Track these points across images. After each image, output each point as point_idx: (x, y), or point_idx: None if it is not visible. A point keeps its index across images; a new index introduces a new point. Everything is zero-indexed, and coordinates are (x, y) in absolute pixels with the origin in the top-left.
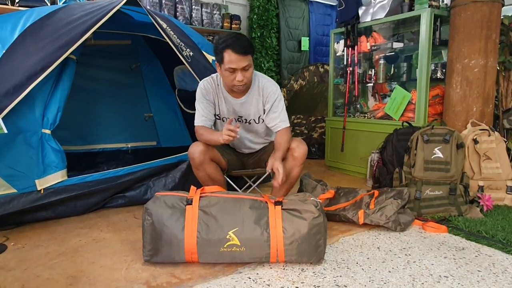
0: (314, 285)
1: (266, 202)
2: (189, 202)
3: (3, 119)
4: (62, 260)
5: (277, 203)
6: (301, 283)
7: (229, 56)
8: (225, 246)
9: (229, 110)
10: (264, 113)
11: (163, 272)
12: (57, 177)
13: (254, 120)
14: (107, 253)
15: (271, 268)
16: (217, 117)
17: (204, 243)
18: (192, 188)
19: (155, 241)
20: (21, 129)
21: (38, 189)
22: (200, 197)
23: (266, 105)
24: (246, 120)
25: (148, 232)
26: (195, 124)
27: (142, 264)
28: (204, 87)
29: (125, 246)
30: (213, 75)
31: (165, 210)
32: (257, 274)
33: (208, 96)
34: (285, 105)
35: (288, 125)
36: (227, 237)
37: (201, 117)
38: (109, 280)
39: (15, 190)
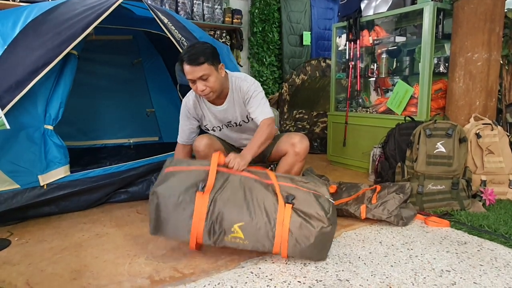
0: (317, 280)
1: (278, 199)
2: (201, 188)
3: (5, 115)
4: (66, 255)
5: (288, 199)
6: (304, 277)
7: (185, 68)
8: (229, 236)
9: (216, 118)
10: None
11: (166, 266)
12: (59, 173)
13: (244, 121)
14: (110, 248)
15: (273, 262)
16: (206, 129)
17: (210, 232)
18: (214, 155)
19: (161, 221)
20: (24, 125)
21: (41, 184)
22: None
23: (246, 103)
24: (236, 123)
25: (154, 212)
26: (178, 140)
27: (145, 259)
28: (186, 105)
29: (128, 241)
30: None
31: (175, 196)
32: (260, 268)
33: (193, 113)
34: (287, 100)
35: (267, 116)
36: (232, 229)
37: (183, 137)
38: (113, 274)
39: (18, 186)
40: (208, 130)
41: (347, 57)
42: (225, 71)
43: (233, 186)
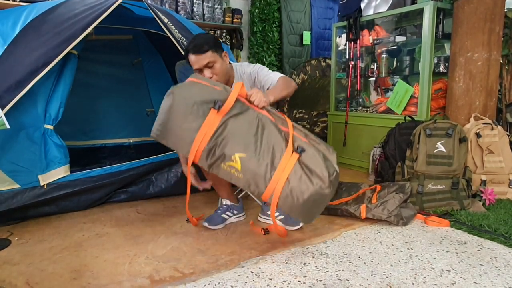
0: (317, 279)
1: (287, 145)
2: (217, 107)
3: (5, 115)
4: (66, 255)
5: (298, 149)
6: (304, 277)
7: (191, 58)
8: (226, 163)
9: None
10: None
11: (166, 266)
12: (60, 172)
13: None
14: (110, 248)
15: (273, 262)
16: None
17: (210, 151)
18: (238, 83)
19: (168, 126)
20: (24, 124)
21: (41, 184)
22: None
23: (256, 83)
24: None
25: (163, 114)
26: None
27: (145, 259)
28: None
29: (128, 241)
30: None
31: (189, 104)
32: (260, 268)
33: None
34: (287, 99)
35: (281, 75)
36: (232, 157)
37: None
38: (113, 274)
39: (18, 186)
40: None
41: (347, 57)
42: (229, 62)
43: (248, 119)
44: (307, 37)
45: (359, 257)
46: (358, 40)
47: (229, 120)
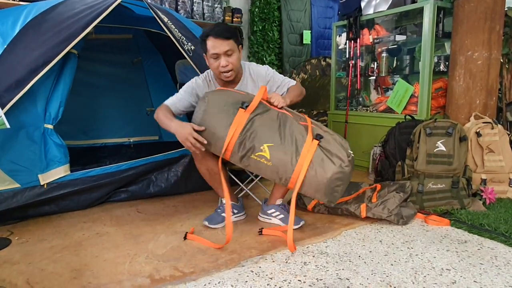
0: (317, 278)
1: (307, 132)
2: (245, 106)
3: (5, 114)
4: (66, 254)
5: (317, 136)
6: (304, 276)
7: (211, 42)
8: (256, 154)
9: None
10: None
11: (166, 265)
12: (60, 172)
13: None
14: (110, 247)
15: (273, 261)
16: None
17: (240, 144)
18: (262, 87)
19: (204, 122)
20: (24, 124)
21: (41, 183)
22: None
23: (273, 86)
24: None
25: (200, 114)
26: (164, 102)
27: (146, 258)
28: (196, 82)
29: (128, 240)
30: (204, 72)
31: (221, 103)
32: (260, 267)
33: (199, 92)
34: None
35: (295, 82)
36: (261, 148)
37: (174, 103)
38: (113, 273)
39: (18, 185)
40: None
41: (347, 56)
42: None
43: (271, 116)
44: (307, 36)
45: (359, 256)
46: (358, 39)
47: (255, 117)
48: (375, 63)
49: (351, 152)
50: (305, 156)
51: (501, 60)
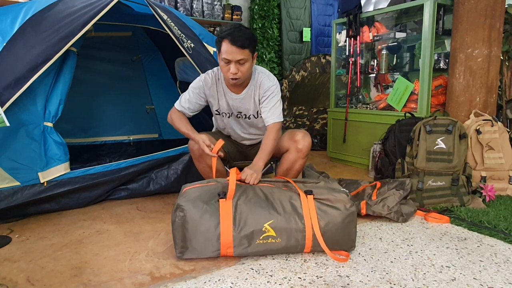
0: (317, 276)
1: (298, 194)
2: (223, 196)
3: (5, 112)
4: (66, 252)
5: (307, 192)
6: (304, 273)
7: (225, 47)
8: (261, 238)
9: (228, 105)
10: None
11: (167, 263)
12: (59, 170)
13: (253, 115)
14: (110, 245)
15: (273, 259)
16: (216, 112)
17: (240, 237)
18: (232, 170)
19: (188, 237)
20: (23, 122)
21: (41, 181)
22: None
23: (261, 100)
24: (245, 115)
25: (180, 229)
26: (175, 105)
27: (146, 256)
28: (205, 80)
29: (129, 238)
30: (215, 68)
31: (199, 206)
32: (260, 265)
33: (207, 90)
34: (287, 96)
35: (278, 120)
36: (263, 229)
37: (185, 104)
38: (113, 271)
39: (18, 183)
40: (218, 113)
41: (347, 54)
42: None
43: (252, 194)
44: (307, 34)
45: (359, 253)
46: (358, 37)
47: (239, 201)
48: (375, 60)
49: (346, 191)
50: (309, 215)
51: (501, 58)
